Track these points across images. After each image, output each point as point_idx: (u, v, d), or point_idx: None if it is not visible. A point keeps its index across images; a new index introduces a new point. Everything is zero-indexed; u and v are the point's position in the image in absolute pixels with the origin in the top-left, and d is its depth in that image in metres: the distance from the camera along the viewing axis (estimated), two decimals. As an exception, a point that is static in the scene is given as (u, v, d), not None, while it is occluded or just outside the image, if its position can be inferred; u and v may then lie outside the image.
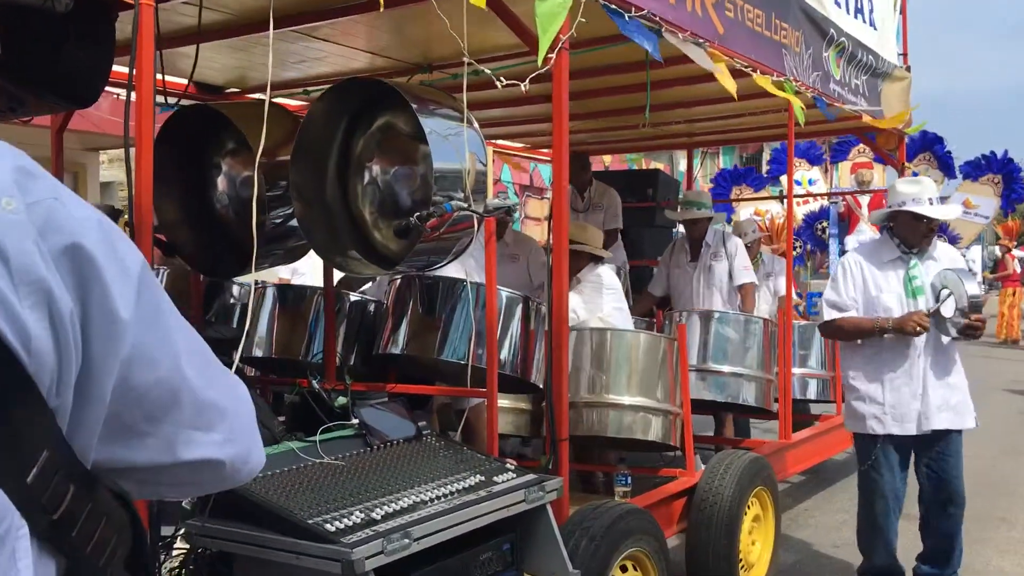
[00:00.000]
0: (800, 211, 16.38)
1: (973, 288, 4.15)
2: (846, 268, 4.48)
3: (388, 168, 3.51)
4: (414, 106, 3.22)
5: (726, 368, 5.51)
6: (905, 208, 4.31)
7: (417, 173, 3.40)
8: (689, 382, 5.28)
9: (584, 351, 4.57)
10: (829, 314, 4.45)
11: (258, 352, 4.41)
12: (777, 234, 15.96)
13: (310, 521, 2.48)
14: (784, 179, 16.88)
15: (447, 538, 2.66)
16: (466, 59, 3.18)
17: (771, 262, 7.53)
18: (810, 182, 16.66)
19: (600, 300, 5.13)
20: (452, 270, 4.29)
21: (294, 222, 3.66)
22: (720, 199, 16.04)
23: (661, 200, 8.55)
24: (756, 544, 4.66)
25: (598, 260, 5.38)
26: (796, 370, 6.40)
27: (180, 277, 4.48)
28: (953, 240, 18.30)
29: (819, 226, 16.29)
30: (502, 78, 3.41)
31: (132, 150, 2.50)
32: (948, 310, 4.17)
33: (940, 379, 4.29)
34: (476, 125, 3.40)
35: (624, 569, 3.53)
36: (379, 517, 2.58)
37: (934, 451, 4.34)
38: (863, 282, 4.40)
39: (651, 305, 6.88)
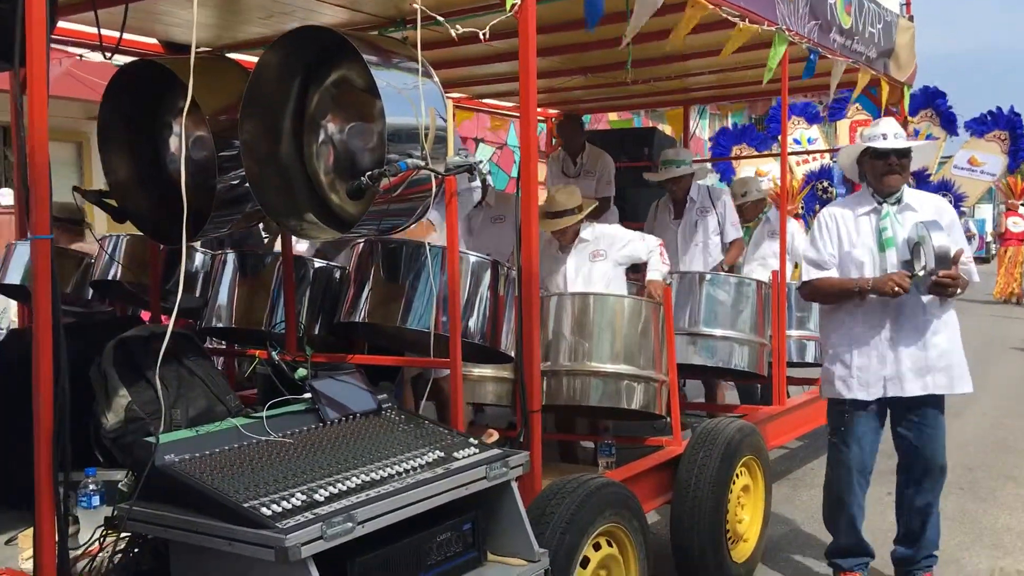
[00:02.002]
0: (800, 171, 16.06)
1: (941, 240, 3.83)
2: (822, 223, 4.23)
3: (343, 125, 3.30)
4: (367, 58, 3.00)
5: (717, 332, 5.32)
6: (863, 147, 4.12)
7: (374, 130, 3.18)
8: (678, 347, 5.12)
9: (565, 317, 4.39)
10: (808, 273, 4.21)
11: (218, 323, 4.22)
12: (789, 195, 15.68)
13: (245, 505, 2.31)
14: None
15: (395, 520, 2.49)
16: (419, 7, 2.96)
17: (776, 221, 7.28)
18: (809, 141, 16.32)
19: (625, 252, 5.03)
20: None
21: (251, 184, 3.45)
22: (720, 158, 15.72)
23: (657, 160, 8.29)
24: (745, 515, 4.48)
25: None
26: (793, 332, 6.21)
27: (140, 244, 4.30)
28: (959, 198, 17.90)
29: (820, 185, 15.97)
30: (459, 27, 3.18)
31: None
32: (918, 265, 3.91)
33: (917, 340, 4.02)
34: (436, 78, 3.18)
35: (599, 546, 3.36)
36: (322, 499, 2.41)
37: (909, 419, 4.10)
38: (838, 237, 4.17)
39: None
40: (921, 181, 17.04)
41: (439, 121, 3.10)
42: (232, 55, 4.88)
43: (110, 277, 4.90)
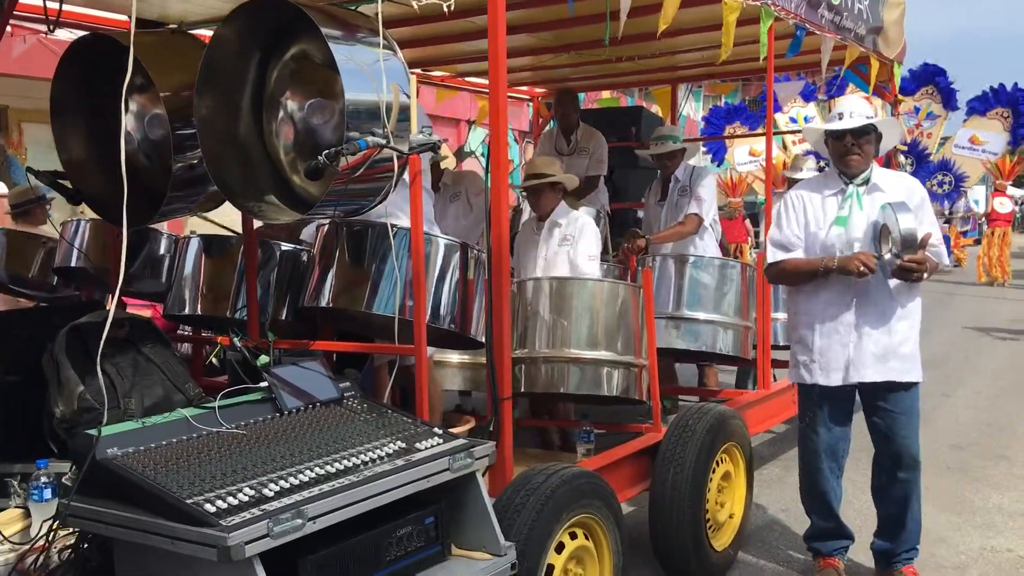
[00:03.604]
0: (796, 150, 15.90)
1: (908, 223, 3.69)
2: (788, 204, 4.09)
3: (303, 102, 3.16)
4: (326, 31, 2.87)
5: (701, 315, 5.21)
6: (823, 131, 4.00)
7: (335, 108, 3.05)
8: (659, 331, 5.01)
9: (542, 301, 4.28)
10: (773, 255, 4.07)
11: (182, 308, 4.08)
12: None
13: (188, 501, 2.20)
14: (779, 116, 16.39)
15: (349, 516, 2.37)
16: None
17: None
18: (806, 119, 16.11)
19: (574, 246, 4.84)
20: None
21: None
22: (712, 137, 15.55)
23: (646, 140, 8.15)
24: (726, 502, 4.39)
25: (567, 195, 5.08)
26: (779, 315, 6.10)
27: (103, 227, 4.16)
28: (960, 179, 17.71)
29: (817, 166, 15.81)
30: (422, -1, 3.05)
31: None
32: (885, 248, 3.77)
33: (881, 325, 3.89)
34: (400, 54, 3.05)
35: (573, 536, 3.25)
36: (271, 494, 2.30)
37: (879, 406, 3.99)
38: (805, 219, 4.04)
39: None
40: (920, 161, 16.89)
41: (402, 98, 2.97)
42: (201, 32, 4.75)
43: (72, 264, 4.76)
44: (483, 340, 3.54)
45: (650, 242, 5.84)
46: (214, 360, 4.92)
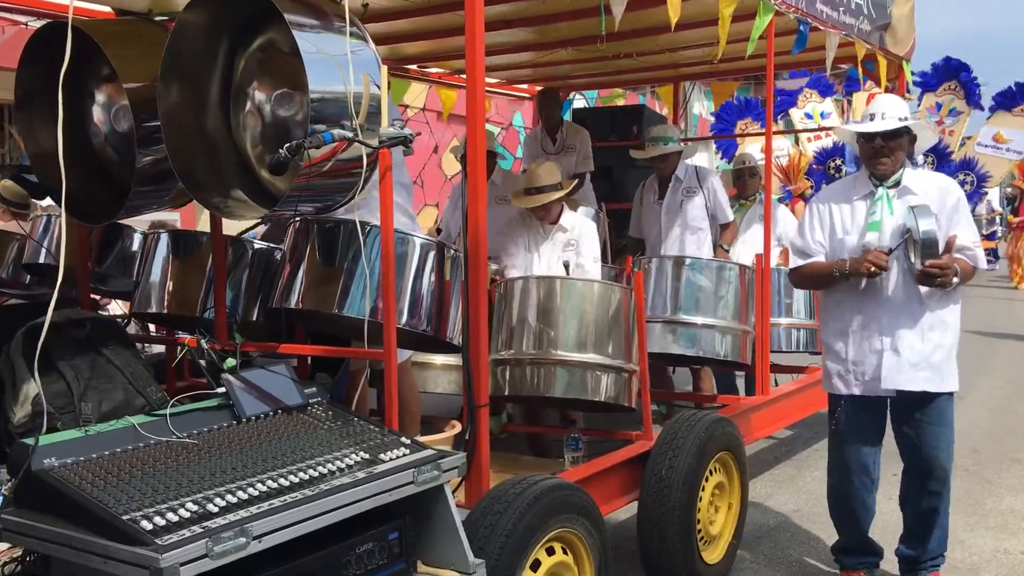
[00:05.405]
0: (811, 147, 15.63)
1: (927, 227, 3.55)
2: (813, 210, 3.97)
3: (271, 93, 3.01)
4: (291, 19, 2.72)
5: (698, 320, 5.04)
6: (852, 131, 3.86)
7: (302, 99, 2.90)
8: (655, 335, 4.87)
9: (530, 302, 4.13)
10: (794, 261, 3.97)
11: (149, 307, 3.95)
12: (790, 175, 15.24)
13: (124, 517, 2.05)
14: (794, 112, 16.11)
15: (300, 533, 2.22)
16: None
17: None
18: (822, 115, 15.77)
19: (577, 250, 4.73)
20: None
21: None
22: (724, 135, 15.30)
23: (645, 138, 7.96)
24: (719, 514, 4.22)
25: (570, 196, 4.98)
26: (781, 320, 5.93)
27: (76, 223, 4.02)
28: (982, 179, 17.35)
29: (832, 164, 15.52)
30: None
31: None
32: (913, 253, 3.63)
33: (912, 332, 3.74)
34: (372, 44, 2.90)
35: (551, 552, 3.09)
36: (216, 510, 2.15)
37: (912, 416, 3.83)
38: (831, 224, 3.90)
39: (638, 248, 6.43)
40: (942, 159, 16.57)
41: (373, 90, 2.82)
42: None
43: (41, 260, 4.64)
44: (460, 343, 3.39)
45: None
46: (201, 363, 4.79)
